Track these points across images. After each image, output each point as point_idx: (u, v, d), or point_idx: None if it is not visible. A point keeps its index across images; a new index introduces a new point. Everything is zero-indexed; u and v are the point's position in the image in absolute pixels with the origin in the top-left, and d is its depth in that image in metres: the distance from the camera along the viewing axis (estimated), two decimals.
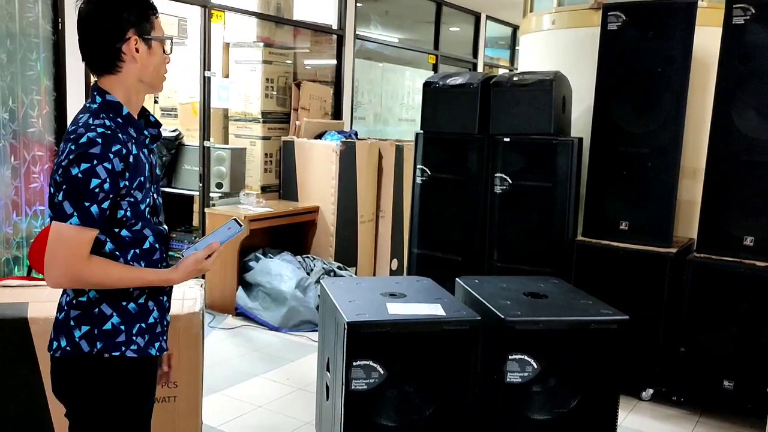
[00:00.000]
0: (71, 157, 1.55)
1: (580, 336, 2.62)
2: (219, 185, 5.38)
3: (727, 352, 3.49)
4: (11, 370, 2.42)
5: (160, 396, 2.53)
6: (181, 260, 1.72)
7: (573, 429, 2.65)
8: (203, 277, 5.12)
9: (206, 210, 5.16)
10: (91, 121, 1.59)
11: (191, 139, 5.67)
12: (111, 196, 1.57)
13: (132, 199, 1.63)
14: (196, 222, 5.70)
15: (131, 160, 1.61)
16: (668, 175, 3.70)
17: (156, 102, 6.32)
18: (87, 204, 1.55)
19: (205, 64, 5.13)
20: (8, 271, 4.01)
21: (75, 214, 1.55)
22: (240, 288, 5.02)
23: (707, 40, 3.65)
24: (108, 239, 1.64)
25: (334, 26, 6.50)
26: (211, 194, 5.34)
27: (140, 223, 1.67)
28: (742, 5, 3.41)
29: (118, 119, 1.64)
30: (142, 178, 1.65)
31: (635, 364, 3.58)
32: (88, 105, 1.67)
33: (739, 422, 3.53)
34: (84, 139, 1.55)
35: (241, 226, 1.74)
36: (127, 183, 1.60)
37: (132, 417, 1.74)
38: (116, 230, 1.64)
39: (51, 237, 1.58)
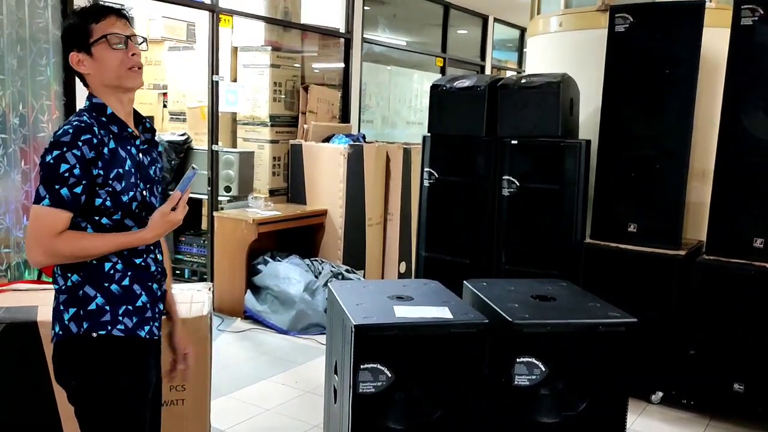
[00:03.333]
0: (47, 147, 1.70)
1: (589, 339, 2.61)
2: (227, 189, 5.40)
3: (737, 355, 3.47)
4: (21, 373, 2.44)
5: (168, 399, 2.54)
6: (150, 218, 1.79)
7: None
8: (212, 280, 5.14)
9: (215, 213, 5.18)
10: (73, 119, 1.74)
11: (200, 143, 5.69)
12: (84, 182, 1.69)
13: (110, 189, 1.73)
14: (204, 225, 5.72)
15: (105, 151, 1.72)
16: (677, 177, 3.69)
17: (165, 106, 6.36)
18: (57, 187, 1.67)
19: (214, 68, 5.15)
20: (18, 275, 4.04)
21: (47, 196, 1.67)
22: (248, 291, 5.03)
23: (715, 41, 3.64)
24: (89, 226, 1.75)
25: (342, 30, 6.51)
26: (220, 198, 5.36)
27: (120, 213, 1.76)
28: (750, 6, 3.40)
29: (102, 118, 1.77)
30: (120, 170, 1.74)
31: (644, 367, 3.56)
32: (79, 109, 1.84)
33: (750, 426, 3.51)
34: (60, 131, 1.71)
35: (195, 169, 1.82)
36: (101, 172, 1.71)
37: (126, 397, 1.78)
38: (96, 218, 1.75)
39: (29, 219, 1.71)
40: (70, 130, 1.68)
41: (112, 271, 1.77)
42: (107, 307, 1.75)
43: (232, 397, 3.70)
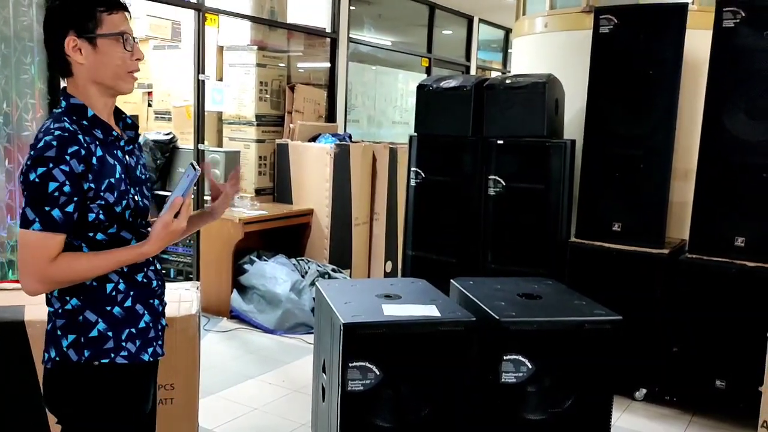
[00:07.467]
0: (29, 162, 1.52)
1: (574, 336, 2.64)
2: None
3: (719, 352, 3.52)
4: (8, 373, 2.43)
5: (158, 398, 2.54)
6: (151, 230, 1.62)
7: (567, 429, 2.67)
8: (198, 280, 5.12)
9: None
10: (51, 125, 1.56)
11: (185, 142, 5.67)
12: (75, 199, 1.53)
13: (103, 202, 1.58)
14: None
15: (94, 161, 1.56)
16: (660, 177, 3.73)
17: (150, 105, 6.32)
18: (47, 209, 1.50)
19: (199, 67, 5.13)
20: (3, 275, 4.01)
21: (37, 219, 1.51)
22: (235, 291, 5.02)
23: (698, 43, 3.69)
24: (84, 244, 1.60)
25: (328, 29, 6.51)
26: (206, 197, 5.34)
27: (116, 226, 1.62)
28: (731, 8, 3.45)
29: (83, 122, 1.60)
30: (112, 180, 1.60)
31: (629, 364, 3.60)
32: (54, 110, 1.65)
33: (732, 421, 3.56)
34: (41, 144, 1.51)
35: (196, 169, 1.62)
36: (92, 185, 1.55)
37: (120, 426, 1.69)
38: (90, 234, 1.60)
39: (19, 245, 1.55)
40: (54, 143, 1.50)
41: (114, 293, 1.64)
42: (110, 333, 1.63)
43: (220, 396, 3.70)
